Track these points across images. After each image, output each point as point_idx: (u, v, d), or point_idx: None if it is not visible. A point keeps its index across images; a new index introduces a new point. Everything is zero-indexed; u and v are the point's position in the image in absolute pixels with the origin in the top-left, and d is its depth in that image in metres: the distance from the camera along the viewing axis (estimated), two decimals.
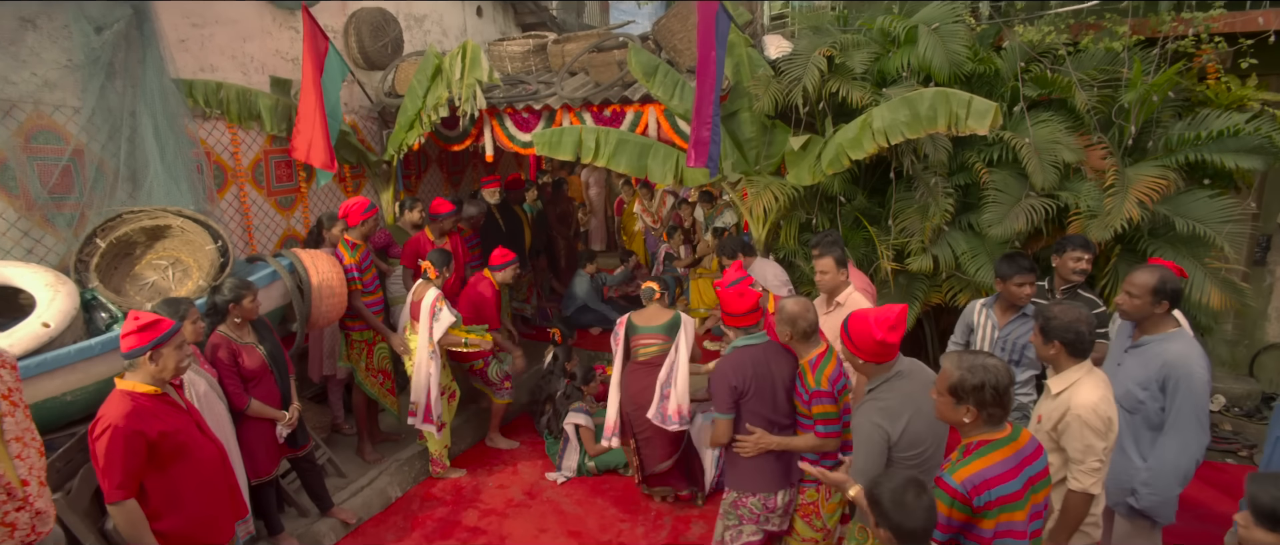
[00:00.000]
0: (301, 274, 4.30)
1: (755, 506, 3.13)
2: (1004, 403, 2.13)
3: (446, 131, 6.46)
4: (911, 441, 2.56)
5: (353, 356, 4.84)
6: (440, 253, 4.80)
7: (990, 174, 4.69)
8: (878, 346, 2.56)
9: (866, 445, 2.54)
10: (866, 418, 2.57)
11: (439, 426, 4.83)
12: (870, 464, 2.54)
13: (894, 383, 2.60)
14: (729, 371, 3.04)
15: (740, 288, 3.17)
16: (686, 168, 5.19)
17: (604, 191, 10.91)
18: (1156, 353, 2.91)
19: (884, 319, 2.55)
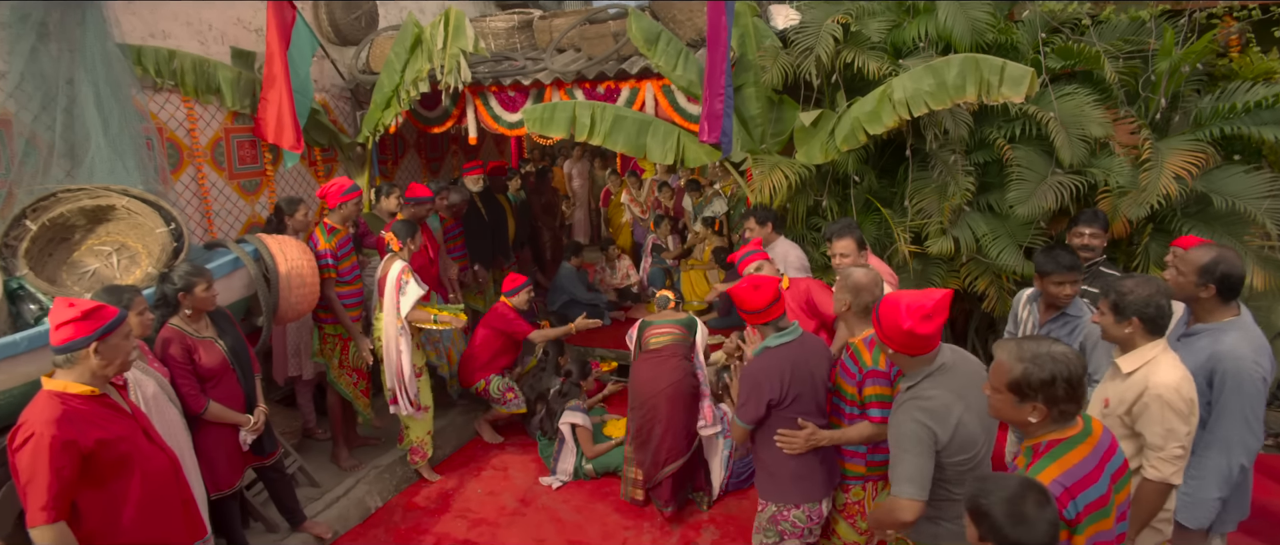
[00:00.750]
0: (268, 261, 3.86)
1: (800, 519, 2.78)
2: (1078, 397, 1.82)
3: (426, 112, 6.02)
4: (963, 444, 2.24)
5: (325, 352, 4.39)
6: (404, 224, 4.40)
7: (1013, 151, 4.41)
8: (907, 338, 2.23)
9: (912, 451, 2.20)
10: (909, 418, 2.22)
11: (419, 409, 4.41)
12: (919, 472, 2.19)
13: (937, 378, 2.28)
14: (763, 379, 2.68)
15: (754, 280, 2.82)
16: (687, 147, 4.85)
17: (587, 183, 10.51)
18: (1207, 344, 2.62)
19: (918, 307, 2.21)
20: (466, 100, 5.76)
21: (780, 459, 2.73)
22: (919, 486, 2.17)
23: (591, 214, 10.61)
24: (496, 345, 5.07)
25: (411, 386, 4.31)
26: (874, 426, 2.68)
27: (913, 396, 2.26)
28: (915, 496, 2.17)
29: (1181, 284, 2.65)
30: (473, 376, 5.10)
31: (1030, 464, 1.79)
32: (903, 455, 2.21)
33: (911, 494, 2.17)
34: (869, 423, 2.68)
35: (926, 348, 2.26)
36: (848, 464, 2.82)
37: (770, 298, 2.76)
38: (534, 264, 8.24)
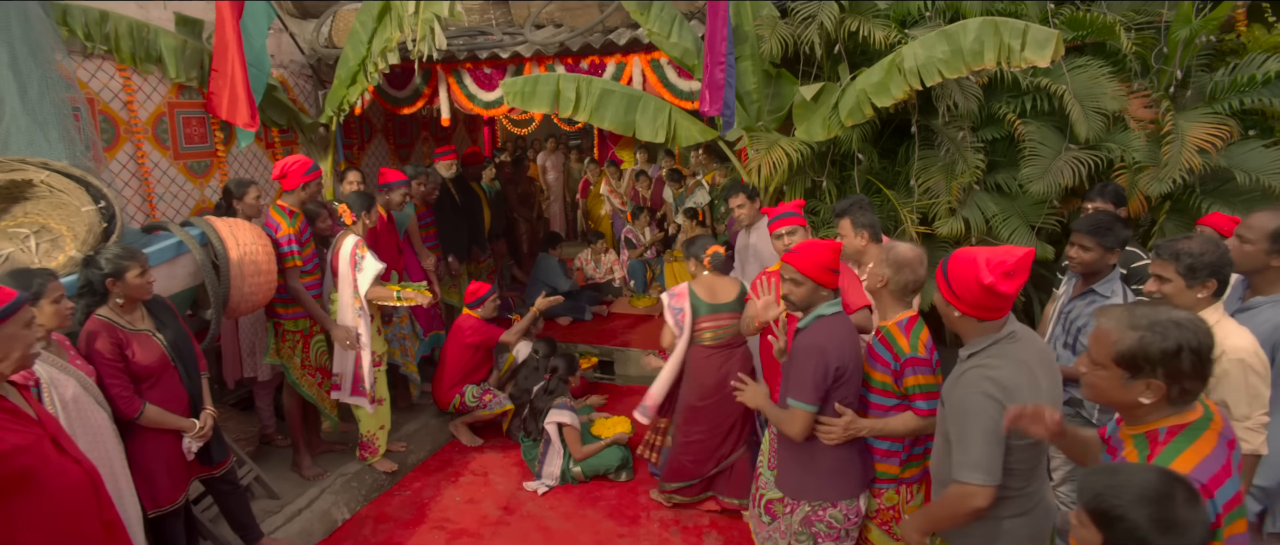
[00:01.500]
0: (216, 246, 3.42)
1: (837, 520, 2.46)
2: (1205, 373, 1.53)
3: (395, 92, 5.60)
4: None
5: (284, 351, 3.95)
6: (361, 195, 4.00)
7: (1024, 126, 4.18)
8: (984, 296, 1.92)
9: (981, 430, 1.89)
10: (976, 392, 1.91)
11: (373, 401, 4.01)
12: (990, 456, 1.89)
13: (1005, 347, 1.97)
14: (830, 349, 2.36)
15: (822, 242, 2.50)
16: (680, 124, 4.53)
17: (562, 177, 10.15)
18: (1269, 316, 2.43)
19: (999, 262, 1.91)
20: (439, 78, 5.36)
21: (817, 451, 2.42)
22: (990, 472, 1.88)
23: (566, 208, 10.25)
24: (466, 361, 4.72)
25: (368, 375, 3.92)
26: (919, 419, 2.39)
27: (977, 366, 1.94)
28: (987, 482, 1.88)
29: (1249, 253, 2.43)
30: (446, 395, 4.74)
31: (1151, 454, 1.49)
32: (969, 436, 1.90)
33: (983, 480, 1.88)
34: (914, 414, 2.39)
35: (1000, 310, 1.95)
36: (881, 464, 2.53)
37: (834, 257, 2.45)
38: (510, 257, 7.84)
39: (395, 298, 3.94)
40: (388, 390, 4.17)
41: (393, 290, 3.96)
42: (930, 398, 2.39)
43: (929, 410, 2.38)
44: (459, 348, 4.74)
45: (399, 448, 4.51)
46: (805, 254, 2.45)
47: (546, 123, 11.14)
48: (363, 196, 4.07)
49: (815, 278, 2.45)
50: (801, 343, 2.43)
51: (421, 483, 4.36)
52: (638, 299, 7.41)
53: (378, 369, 4.06)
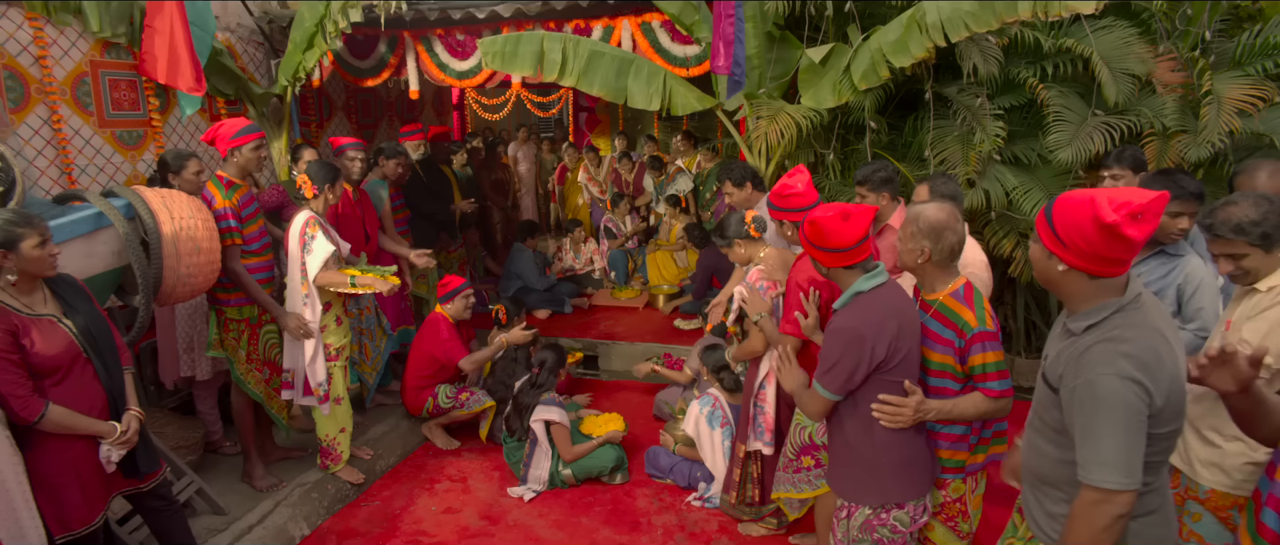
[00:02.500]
0: (145, 220, 2.91)
1: (903, 522, 2.09)
2: None
3: (357, 62, 5.10)
4: (1176, 409, 1.56)
5: (228, 342, 3.43)
6: (325, 165, 3.53)
7: (1047, 91, 3.90)
8: (1102, 241, 1.50)
9: (1118, 421, 1.50)
10: (1107, 371, 1.51)
11: (326, 401, 3.53)
12: (1130, 452, 1.50)
13: (1132, 315, 1.58)
14: (867, 332, 2.00)
15: (843, 208, 2.11)
16: (675, 90, 4.14)
17: (534, 168, 9.67)
18: None
19: (1124, 203, 1.49)
20: (407, 46, 4.88)
21: (881, 442, 2.05)
22: (1130, 471, 1.49)
23: (539, 199, 9.78)
24: (437, 366, 4.26)
25: (317, 371, 3.43)
26: (991, 401, 2.05)
27: (1103, 340, 1.55)
28: (1126, 485, 1.49)
29: None
30: (416, 398, 4.28)
31: None
32: (1100, 429, 1.51)
33: (1121, 482, 1.49)
34: (984, 395, 2.05)
35: (1119, 264, 1.55)
36: (945, 451, 2.17)
37: (862, 232, 2.07)
38: (482, 247, 7.35)
39: (350, 283, 3.45)
40: (346, 388, 3.67)
41: (348, 275, 3.48)
42: (1003, 376, 2.05)
43: (1002, 391, 2.04)
44: (425, 350, 4.26)
45: (365, 454, 4.02)
46: (821, 226, 2.09)
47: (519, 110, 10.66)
48: (326, 167, 3.58)
49: (825, 262, 2.15)
50: (835, 324, 2.08)
51: (391, 492, 3.88)
52: (619, 290, 7.01)
53: (335, 364, 3.57)
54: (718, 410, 3.70)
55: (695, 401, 3.77)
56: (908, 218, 2.10)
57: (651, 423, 4.70)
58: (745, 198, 3.77)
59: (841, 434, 2.14)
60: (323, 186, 3.52)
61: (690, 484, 3.84)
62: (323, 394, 3.54)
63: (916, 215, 2.07)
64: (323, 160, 3.65)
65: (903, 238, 2.10)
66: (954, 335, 2.05)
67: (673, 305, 6.44)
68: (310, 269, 3.40)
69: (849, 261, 2.10)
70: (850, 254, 2.09)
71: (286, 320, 3.41)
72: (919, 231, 2.05)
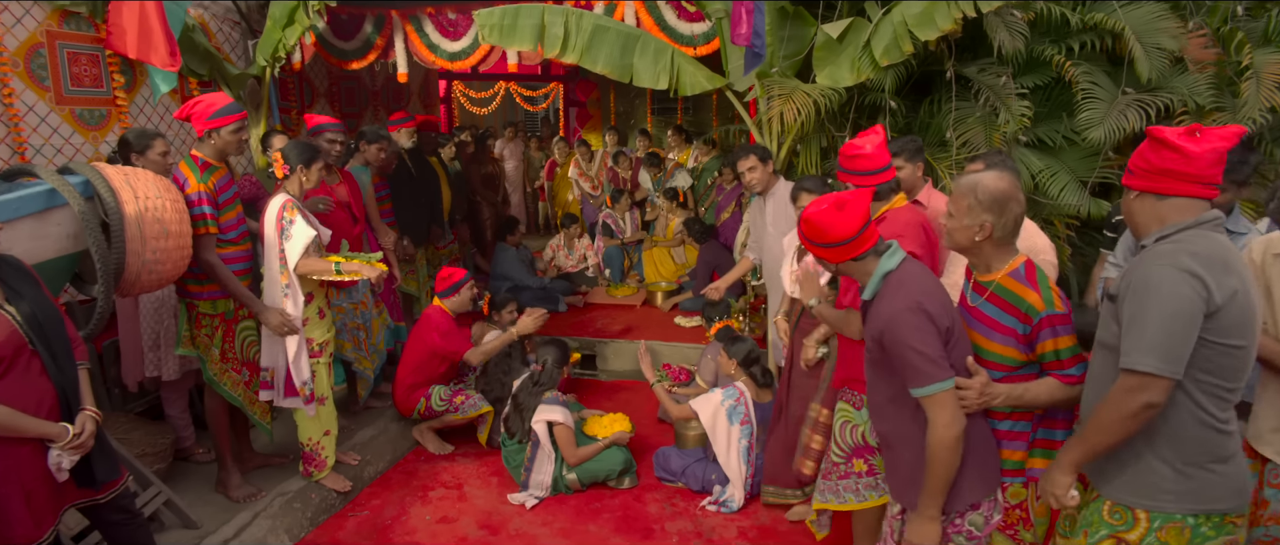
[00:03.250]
0: (106, 198, 2.60)
1: (978, 524, 1.86)
2: None
3: (341, 43, 4.81)
4: (1239, 323, 1.52)
5: (200, 340, 3.12)
6: (303, 145, 3.25)
7: (1074, 68, 3.71)
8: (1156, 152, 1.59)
9: (1165, 307, 1.49)
10: (1165, 261, 1.53)
11: (311, 401, 3.24)
12: (1173, 340, 1.49)
13: (1204, 232, 1.57)
14: (923, 301, 1.77)
15: (836, 198, 1.91)
16: (683, 69, 3.91)
17: (522, 166, 9.41)
18: None
19: (1219, 130, 1.56)
20: (394, 26, 4.60)
21: None
22: (1169, 358, 1.48)
23: (526, 198, 9.51)
24: (435, 364, 3.99)
25: (302, 369, 3.14)
26: (1066, 388, 1.83)
27: (1171, 242, 1.56)
28: (1163, 371, 1.48)
29: None
30: (408, 398, 3.99)
31: None
32: (1146, 314, 1.51)
33: (1156, 366, 1.49)
34: (1058, 381, 1.82)
35: (1185, 181, 1.56)
36: (1004, 450, 1.94)
37: (861, 220, 1.87)
38: (472, 244, 7.05)
39: (334, 271, 3.16)
40: (331, 388, 3.37)
41: (332, 262, 3.18)
42: (1080, 360, 1.83)
43: (1080, 376, 1.82)
44: (424, 344, 3.98)
45: (351, 460, 3.72)
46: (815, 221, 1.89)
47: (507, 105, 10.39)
48: (302, 146, 3.28)
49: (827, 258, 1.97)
50: (887, 313, 1.81)
51: (381, 501, 3.58)
52: (615, 288, 6.76)
53: (318, 361, 3.27)
54: (741, 406, 3.45)
55: (718, 390, 3.51)
56: (962, 189, 1.87)
57: (656, 424, 4.44)
58: (767, 176, 3.55)
59: (902, 433, 1.89)
60: (296, 166, 3.22)
61: (704, 487, 3.59)
62: (308, 393, 3.24)
63: (973, 186, 1.83)
64: (300, 140, 3.36)
65: (956, 214, 1.86)
66: (1016, 321, 1.82)
67: (671, 302, 6.20)
68: (290, 256, 3.10)
69: (856, 251, 1.89)
70: (855, 244, 1.88)
71: (268, 316, 3.10)
72: (979, 204, 1.81)
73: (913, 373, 1.75)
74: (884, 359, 1.85)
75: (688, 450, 3.76)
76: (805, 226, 1.93)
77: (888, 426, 1.95)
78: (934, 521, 1.81)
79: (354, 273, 3.19)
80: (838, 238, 1.86)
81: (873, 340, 1.88)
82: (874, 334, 1.86)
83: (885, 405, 1.92)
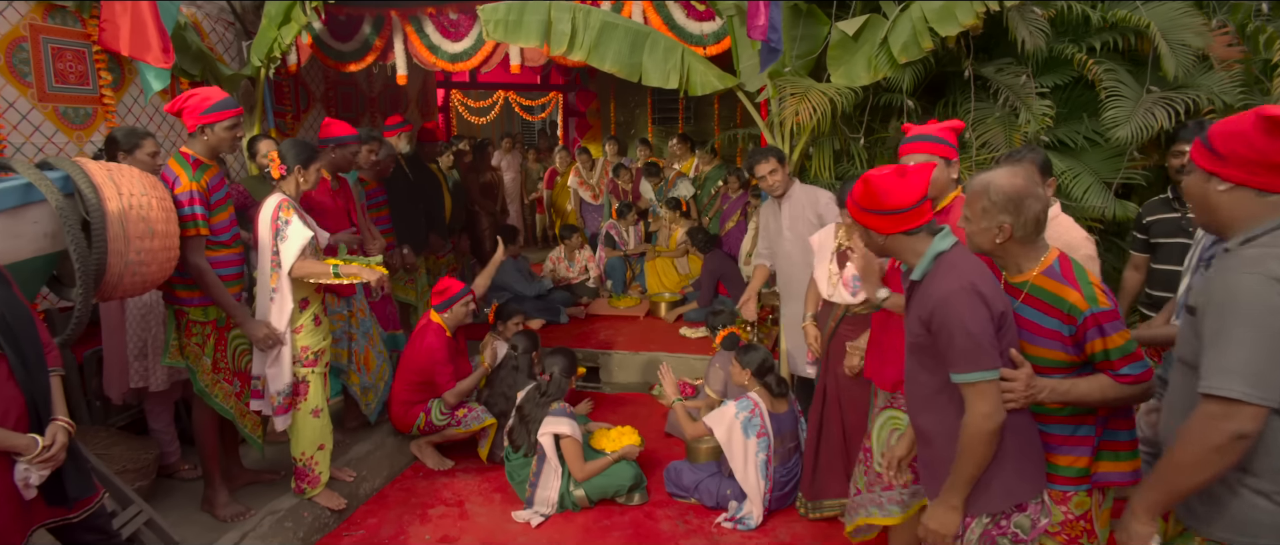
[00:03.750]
0: (87, 195, 2.43)
1: (1025, 527, 1.74)
2: None
3: (339, 45, 4.67)
4: None
5: (189, 349, 2.94)
6: (296, 144, 3.10)
7: (1097, 67, 3.61)
8: (1268, 141, 1.36)
9: (1253, 323, 1.30)
10: (1252, 270, 1.34)
11: (284, 410, 3.07)
12: (1260, 360, 1.30)
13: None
14: (983, 287, 1.65)
15: (898, 168, 1.80)
16: (694, 69, 3.78)
17: (519, 177, 9.27)
18: None
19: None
20: (394, 27, 4.47)
21: None
22: (1260, 382, 1.28)
23: (524, 210, 9.37)
24: (427, 378, 3.81)
25: (279, 375, 2.98)
26: (1121, 387, 1.68)
27: (1260, 245, 1.37)
28: (1252, 396, 1.28)
29: None
30: (406, 414, 3.82)
31: None
32: (1231, 333, 1.32)
33: (1245, 392, 1.29)
34: (1113, 379, 1.68)
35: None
36: (1063, 456, 1.78)
37: (922, 189, 1.75)
38: (472, 255, 6.89)
39: (332, 273, 3.00)
40: (326, 399, 3.19)
41: (330, 264, 3.02)
42: (1133, 359, 1.68)
43: (1136, 375, 1.68)
44: (419, 362, 3.80)
45: (346, 476, 3.53)
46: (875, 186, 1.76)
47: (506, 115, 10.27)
48: (301, 146, 3.14)
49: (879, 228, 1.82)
50: (938, 293, 1.68)
51: (378, 519, 3.39)
52: (617, 299, 6.61)
53: (312, 370, 3.09)
54: (756, 417, 3.29)
55: (732, 403, 3.35)
56: (975, 191, 1.75)
57: (664, 438, 4.27)
58: (786, 179, 3.43)
59: (946, 427, 1.75)
60: (293, 166, 3.07)
61: (718, 503, 3.41)
62: (279, 403, 3.06)
63: (985, 186, 1.71)
64: (298, 139, 3.21)
65: (973, 217, 1.74)
66: (1058, 323, 1.69)
67: (676, 313, 6.05)
68: (285, 258, 2.94)
69: (911, 224, 1.76)
70: (911, 215, 1.75)
71: (253, 329, 2.93)
72: (993, 206, 1.69)
73: (958, 356, 1.63)
74: (930, 344, 1.73)
75: (700, 465, 3.59)
76: (862, 190, 1.78)
77: (929, 420, 1.82)
78: (955, 511, 1.71)
79: (353, 276, 3.03)
80: (895, 205, 1.74)
81: (918, 323, 1.75)
82: (921, 316, 1.73)
83: (929, 397, 1.79)
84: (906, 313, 1.84)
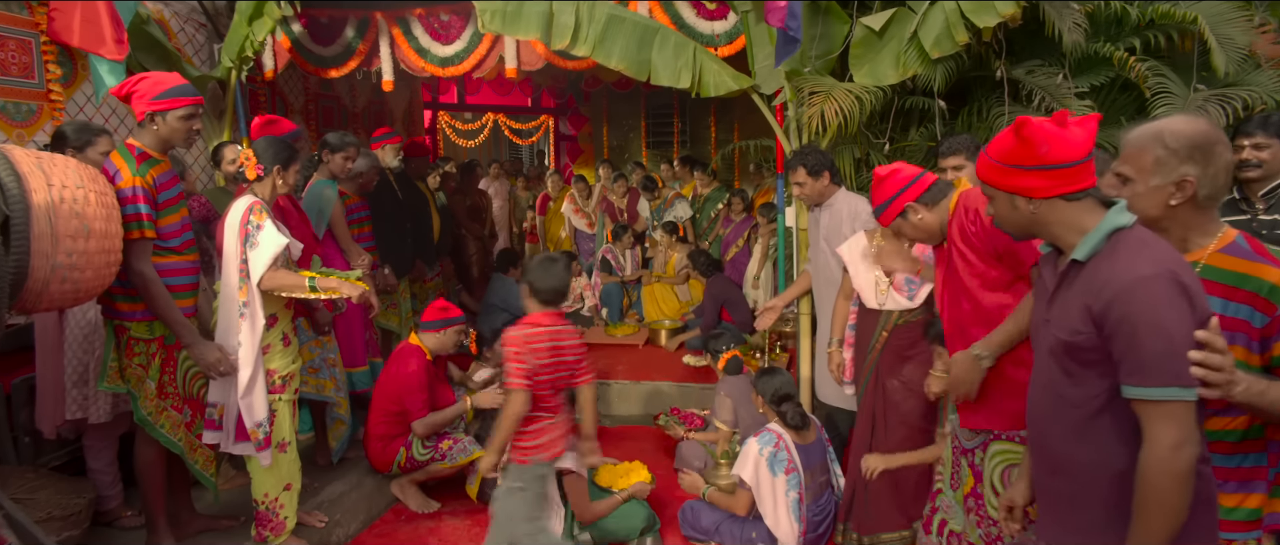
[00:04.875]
0: (7, 185, 2.05)
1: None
2: None
3: (320, 49, 4.35)
4: None
5: (132, 372, 2.52)
6: (273, 141, 2.75)
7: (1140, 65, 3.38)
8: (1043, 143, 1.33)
9: None
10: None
11: (266, 447, 2.63)
12: None
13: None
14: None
15: (1062, 116, 1.44)
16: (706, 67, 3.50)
17: (507, 205, 8.95)
18: None
19: None
20: (380, 29, 4.17)
21: None
22: None
23: (512, 239, 9.03)
24: (409, 403, 3.40)
25: (257, 410, 2.55)
26: None
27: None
28: None
29: None
30: (384, 450, 3.42)
31: None
32: None
33: None
34: None
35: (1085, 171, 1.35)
36: (1233, 497, 1.42)
37: (1088, 146, 1.38)
38: (457, 280, 6.49)
39: (308, 286, 2.61)
40: (294, 432, 2.77)
41: (306, 277, 2.64)
42: None
43: None
44: (395, 384, 3.40)
45: (317, 520, 3.08)
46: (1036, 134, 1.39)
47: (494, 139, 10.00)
48: (280, 144, 2.79)
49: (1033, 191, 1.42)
50: (1123, 276, 1.28)
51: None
52: (614, 328, 6.24)
53: (279, 397, 2.67)
54: (782, 451, 2.91)
55: (753, 439, 2.97)
56: (1141, 141, 1.42)
57: (674, 474, 3.86)
58: (819, 190, 3.12)
59: (1100, 458, 1.35)
60: (272, 167, 2.72)
61: None
62: (262, 437, 2.64)
63: (1157, 134, 1.40)
64: (275, 137, 2.86)
65: (1138, 175, 1.42)
66: (1250, 311, 1.35)
67: (677, 341, 5.68)
68: (255, 267, 2.56)
69: (1076, 185, 1.38)
70: (1077, 173, 1.37)
71: (204, 353, 2.51)
72: (1171, 155, 1.37)
73: (1145, 364, 1.23)
74: (1097, 345, 1.32)
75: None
76: (1014, 144, 1.40)
77: (1077, 448, 1.38)
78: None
79: (331, 290, 2.64)
80: (1058, 159, 1.35)
81: (1080, 317, 1.34)
82: (1090, 307, 1.32)
83: (1082, 420, 1.36)
84: (1065, 300, 1.42)
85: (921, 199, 2.10)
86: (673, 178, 7.45)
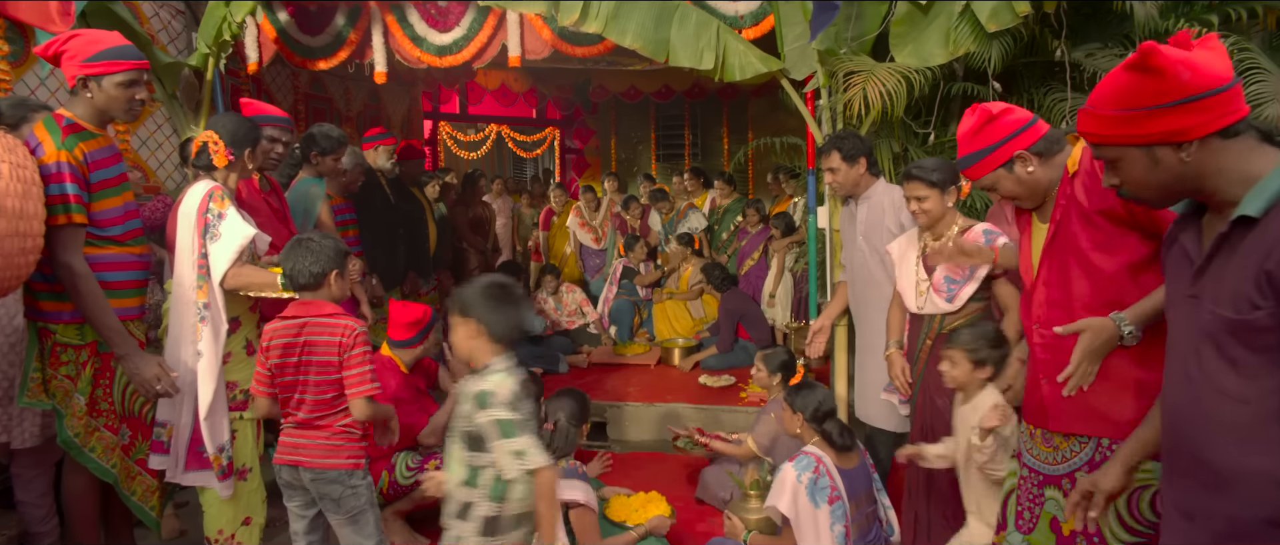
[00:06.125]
0: None
1: None
2: None
3: (308, 38, 4.01)
4: None
5: (57, 385, 2.11)
6: (238, 120, 2.39)
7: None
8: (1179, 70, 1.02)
9: None
10: None
11: (229, 474, 2.21)
12: None
13: None
14: None
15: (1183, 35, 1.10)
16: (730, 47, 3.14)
17: (511, 222, 8.62)
18: None
19: None
20: (372, 16, 3.83)
21: None
22: None
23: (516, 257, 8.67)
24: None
25: (217, 428, 2.14)
26: None
27: None
28: None
29: None
30: None
31: None
32: None
33: None
34: None
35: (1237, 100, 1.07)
36: None
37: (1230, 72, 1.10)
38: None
39: (278, 285, 2.22)
40: (257, 456, 2.35)
41: (275, 274, 2.25)
42: None
43: None
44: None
45: None
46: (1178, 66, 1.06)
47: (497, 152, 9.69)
48: (246, 123, 2.44)
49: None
50: None
51: None
52: (623, 346, 5.83)
53: (239, 416, 2.27)
54: (823, 477, 2.47)
55: (789, 464, 2.53)
56: None
57: (693, 507, 3.41)
58: (855, 179, 2.74)
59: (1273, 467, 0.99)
60: (242, 151, 2.35)
61: None
62: (224, 464, 2.23)
63: None
64: (236, 115, 2.49)
65: None
66: None
67: (692, 360, 5.26)
68: (217, 262, 2.17)
69: (1231, 115, 1.07)
70: (1229, 99, 1.07)
71: (140, 366, 2.10)
72: None
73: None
74: (1273, 325, 1.01)
75: None
76: (1138, 78, 1.09)
77: (1247, 461, 1.04)
78: None
79: None
80: (1205, 84, 1.04)
81: (1259, 288, 1.02)
82: (1269, 271, 1.00)
83: (1255, 424, 1.03)
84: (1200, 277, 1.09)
85: (1033, 148, 1.71)
86: (683, 191, 7.10)
